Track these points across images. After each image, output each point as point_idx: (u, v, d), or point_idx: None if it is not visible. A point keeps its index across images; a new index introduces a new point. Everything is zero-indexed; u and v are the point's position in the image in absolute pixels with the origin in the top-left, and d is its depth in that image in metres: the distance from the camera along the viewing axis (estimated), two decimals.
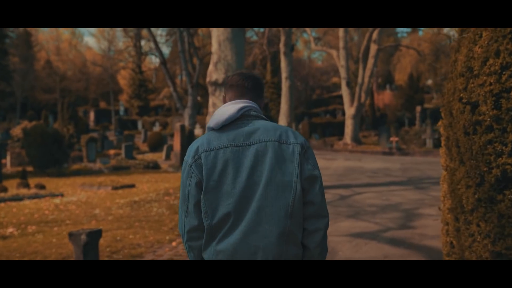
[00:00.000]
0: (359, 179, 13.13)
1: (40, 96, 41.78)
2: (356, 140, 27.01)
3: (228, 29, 10.45)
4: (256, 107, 1.83)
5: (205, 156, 1.72)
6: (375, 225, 6.84)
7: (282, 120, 23.94)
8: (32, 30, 52.54)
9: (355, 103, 26.71)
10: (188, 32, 28.03)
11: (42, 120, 17.47)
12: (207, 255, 1.74)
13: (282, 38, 23.35)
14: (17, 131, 18.96)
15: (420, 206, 8.46)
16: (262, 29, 39.39)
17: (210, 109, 10.99)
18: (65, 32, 58.78)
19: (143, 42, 44.12)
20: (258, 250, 1.67)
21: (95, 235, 4.28)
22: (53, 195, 10.75)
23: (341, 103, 44.83)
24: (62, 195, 10.94)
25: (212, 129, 1.79)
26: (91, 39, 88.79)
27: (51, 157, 15.91)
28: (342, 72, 27.29)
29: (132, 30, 38.87)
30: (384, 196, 9.81)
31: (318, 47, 31.50)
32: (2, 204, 9.73)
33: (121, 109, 45.54)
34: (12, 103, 40.72)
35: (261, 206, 1.67)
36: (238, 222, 1.68)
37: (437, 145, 23.68)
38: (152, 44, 31.62)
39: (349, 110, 26.94)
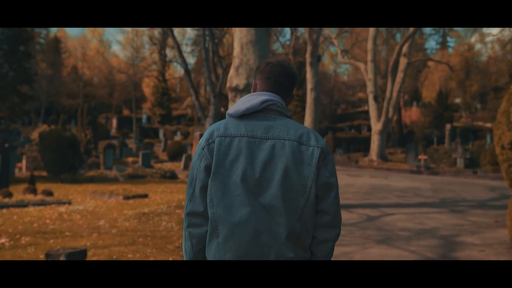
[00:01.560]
0: (387, 198, 12.16)
1: (64, 101, 42.01)
2: (382, 156, 25.92)
3: (252, 31, 9.74)
4: (281, 103, 1.72)
5: (219, 141, 1.64)
6: (410, 254, 5.93)
7: None
8: (62, 37, 53.41)
9: (382, 118, 25.68)
10: (213, 40, 27.60)
11: (60, 124, 17.08)
12: (212, 252, 1.62)
13: (309, 48, 22.61)
14: (35, 134, 18.64)
15: (460, 232, 7.50)
16: (288, 42, 38.71)
17: None
18: (93, 39, 59.63)
19: (167, 51, 44.06)
20: (271, 250, 1.58)
21: (77, 255, 3.55)
22: (60, 203, 10.15)
23: (367, 119, 43.79)
24: (69, 203, 10.33)
25: (231, 116, 1.70)
26: (118, 47, 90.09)
27: (66, 162, 15.41)
28: (370, 86, 26.33)
29: (157, 37, 38.86)
30: (416, 219, 8.86)
31: (345, 60, 30.63)
32: (4, 210, 9.15)
33: (144, 117, 45.43)
34: (38, 107, 41.06)
35: (271, 205, 1.58)
36: (247, 218, 1.58)
37: (468, 165, 22.43)
38: (176, 52, 31.36)
39: (376, 126, 25.91)
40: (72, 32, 67.68)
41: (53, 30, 50.64)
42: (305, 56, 26.33)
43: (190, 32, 53.35)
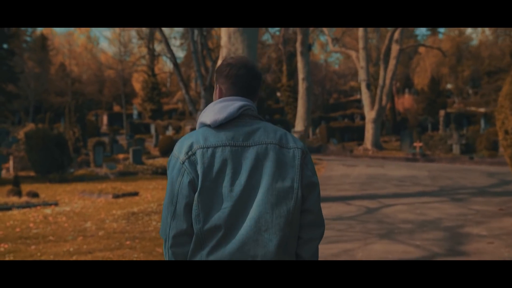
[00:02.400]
0: (385, 188, 11.84)
1: (53, 99, 41.30)
2: (377, 145, 25.63)
3: None
4: (254, 107, 1.70)
5: (201, 153, 1.57)
6: (415, 249, 5.59)
7: (299, 124, 22.72)
8: (49, 34, 52.45)
9: (376, 106, 25.36)
10: (201, 32, 27.04)
11: (46, 123, 16.59)
12: None
13: (299, 37, 22.17)
14: (21, 134, 18.12)
15: (465, 223, 7.17)
16: (278, 32, 38.24)
17: None
18: (80, 36, 58.71)
19: (156, 45, 43.40)
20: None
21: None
22: (46, 204, 9.72)
23: (359, 107, 43.48)
24: (56, 204, 9.90)
25: (207, 126, 1.64)
26: (106, 43, 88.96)
27: (53, 161, 14.94)
28: (362, 74, 25.98)
29: (145, 32, 38.29)
30: (417, 209, 8.53)
31: (337, 49, 30.24)
32: None
33: (134, 112, 44.84)
34: (27, 106, 40.33)
35: (260, 213, 1.54)
36: (234, 229, 1.54)
37: (464, 151, 22.21)
38: (164, 46, 30.83)
39: (370, 114, 25.60)
40: (59, 29, 66.67)
41: (39, 28, 49.71)
42: (295, 45, 25.90)
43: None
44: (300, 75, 22.39)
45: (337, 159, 22.66)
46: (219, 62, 9.78)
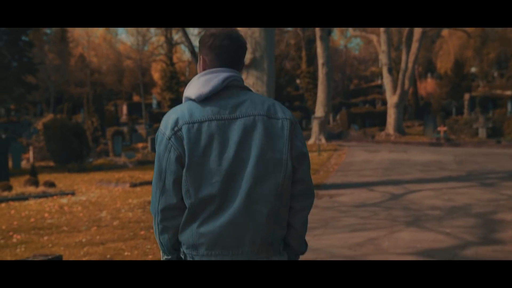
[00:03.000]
0: (410, 173, 11.41)
1: (73, 90, 41.59)
2: (399, 130, 25.01)
3: None
4: (240, 77, 1.64)
5: (187, 128, 1.54)
6: (446, 237, 5.22)
7: (319, 110, 22.26)
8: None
9: (398, 91, 24.69)
10: None
11: (65, 113, 16.58)
12: (185, 237, 1.57)
13: None
14: (40, 125, 18.18)
15: (498, 209, 6.75)
16: None
17: None
18: (99, 28, 59.03)
19: (173, 33, 43.22)
20: (246, 233, 1.54)
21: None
22: (63, 194, 9.61)
23: (380, 93, 42.63)
24: (72, 193, 9.79)
25: (192, 100, 1.60)
26: (125, 33, 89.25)
27: (72, 151, 14.92)
28: (384, 58, 25.30)
29: None
30: (445, 195, 8.11)
31: (357, 33, 29.50)
32: (3, 205, 8.63)
33: (154, 102, 44.87)
34: (48, 98, 40.71)
35: (250, 186, 1.53)
36: (225, 202, 1.54)
37: (491, 134, 21.46)
38: (182, 34, 30.60)
39: (392, 99, 24.95)
40: None
41: None
42: (314, 30, 25.33)
43: None
44: (320, 60, 21.88)
45: (359, 145, 22.17)
46: None
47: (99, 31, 58.88)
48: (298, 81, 44.87)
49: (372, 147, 20.48)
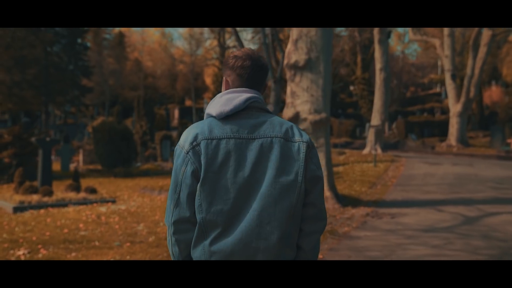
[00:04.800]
0: (481, 191, 10.14)
1: (127, 94, 42.40)
2: (462, 141, 23.25)
3: None
4: (261, 99, 1.70)
5: (205, 144, 1.59)
6: None
7: (375, 118, 21.02)
8: (126, 31, 54.19)
9: (462, 99, 22.97)
10: None
11: (115, 116, 16.44)
12: (198, 254, 1.60)
13: None
14: (90, 128, 18.20)
15: None
16: None
17: (288, 99, 8.73)
18: (155, 32, 60.33)
19: (226, 37, 43.14)
20: (257, 252, 1.57)
21: None
22: (103, 201, 9.18)
23: (440, 101, 40.44)
24: (113, 201, 9.34)
25: (213, 117, 1.65)
26: (180, 39, 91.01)
27: (119, 155, 14.66)
28: (447, 64, 23.66)
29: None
30: None
31: (417, 37, 27.89)
32: (42, 211, 8.28)
33: (205, 106, 44.98)
34: (104, 101, 41.74)
35: (263, 206, 1.57)
36: (236, 220, 1.57)
37: None
38: (234, 38, 30.26)
39: (455, 107, 23.25)
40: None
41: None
42: (372, 33, 24.11)
43: None
44: (378, 65, 20.69)
45: (417, 156, 20.73)
46: (289, 45, 8.66)
47: (155, 36, 60.20)
48: (352, 87, 43.51)
49: (433, 159, 19.03)
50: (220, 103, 1.63)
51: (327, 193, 8.37)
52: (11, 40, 21.85)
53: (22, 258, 5.25)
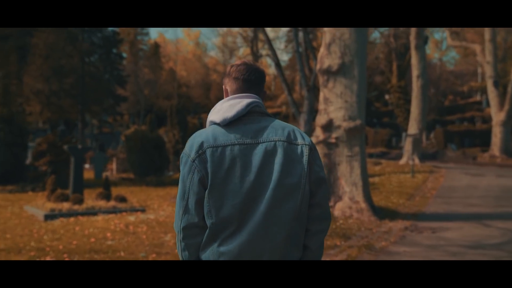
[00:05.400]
0: None
1: (161, 103, 42.91)
2: (507, 151, 22.18)
3: None
4: (262, 103, 1.77)
5: (211, 152, 1.64)
6: None
7: (413, 127, 20.33)
8: (161, 42, 55.17)
9: (506, 107, 21.96)
10: (305, 30, 25.74)
11: (147, 124, 16.51)
12: (207, 256, 1.66)
13: (413, 30, 19.86)
14: (123, 136, 18.35)
15: None
16: (387, 30, 35.58)
17: (321, 106, 8.40)
18: (190, 42, 61.20)
19: (260, 47, 43.11)
20: (264, 253, 1.63)
21: None
22: (133, 210, 9.06)
23: (480, 110, 38.99)
24: (143, 210, 9.21)
25: (217, 124, 1.71)
26: (214, 49, 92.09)
27: (151, 164, 14.64)
28: (488, 70, 22.73)
29: (249, 34, 38.15)
30: None
31: (456, 43, 27.00)
32: (72, 219, 8.22)
33: None
34: (139, 110, 42.40)
35: (269, 208, 1.62)
36: (244, 223, 1.62)
37: None
38: (267, 46, 30.11)
39: (498, 116, 22.25)
40: (170, 36, 70.13)
41: (153, 36, 52.40)
42: (408, 38, 23.44)
43: (283, 28, 52.12)
44: (415, 71, 20.05)
45: (457, 167, 19.89)
46: (322, 49, 8.35)
47: (189, 46, 61.03)
48: (387, 96, 42.58)
49: (475, 170, 18.18)
50: (222, 110, 1.69)
51: (362, 204, 7.97)
52: (50, 51, 22.42)
53: None
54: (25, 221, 8.34)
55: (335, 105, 8.14)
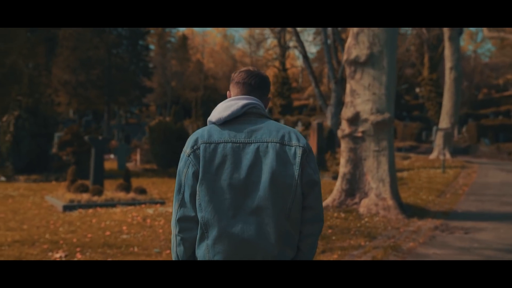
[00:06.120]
0: None
1: (188, 94, 43.02)
2: None
3: None
4: (260, 105, 1.80)
5: (204, 147, 1.71)
6: None
7: (444, 120, 19.59)
8: (189, 34, 55.25)
9: None
10: None
11: (172, 116, 16.38)
12: (201, 254, 1.69)
13: None
14: (147, 128, 18.34)
15: None
16: None
17: (348, 98, 8.01)
18: (217, 35, 61.09)
19: (288, 39, 42.61)
20: (258, 252, 1.66)
21: None
22: (152, 202, 8.90)
23: None
24: (162, 202, 9.04)
25: (213, 123, 1.78)
26: (241, 41, 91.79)
27: (173, 155, 14.50)
28: None
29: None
30: None
31: (493, 33, 25.83)
32: (90, 211, 8.11)
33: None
34: (166, 102, 42.67)
35: (260, 207, 1.66)
36: (236, 221, 1.65)
37: None
38: (294, 38, 29.66)
39: None
40: (198, 29, 70.19)
41: (181, 28, 52.51)
42: (441, 30, 22.56)
43: None
44: (448, 63, 19.28)
45: (491, 163, 19.10)
46: (349, 39, 7.94)
47: (217, 38, 60.97)
48: (417, 89, 41.47)
49: (510, 166, 17.38)
50: (219, 110, 1.75)
51: (389, 201, 7.57)
52: (77, 42, 22.58)
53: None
54: (44, 211, 8.28)
55: (363, 97, 7.73)
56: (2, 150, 13.27)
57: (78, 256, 5.12)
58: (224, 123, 1.73)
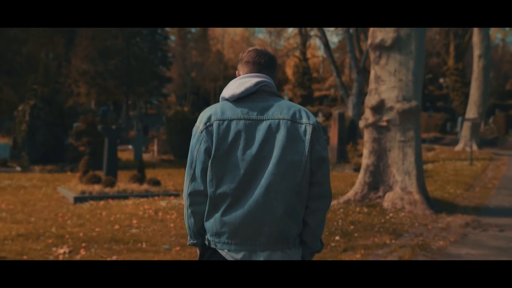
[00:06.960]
0: None
1: (207, 85, 42.71)
2: None
3: None
4: (272, 83, 1.84)
5: (217, 124, 1.72)
6: None
7: (471, 110, 18.80)
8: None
9: None
10: None
11: (189, 106, 16.08)
12: (210, 225, 1.75)
13: None
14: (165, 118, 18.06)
15: None
16: None
17: (372, 85, 7.51)
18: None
19: (308, 29, 41.85)
20: (264, 225, 1.69)
21: None
22: (165, 194, 8.59)
23: None
24: (176, 194, 8.73)
25: (226, 100, 1.80)
26: (262, 31, 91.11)
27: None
28: None
29: None
30: None
31: None
32: (102, 202, 7.84)
33: (285, 98, 44.12)
34: (186, 92, 42.47)
35: (270, 182, 1.68)
36: (245, 195, 1.70)
37: None
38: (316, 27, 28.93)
39: None
40: None
41: None
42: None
43: None
44: (476, 51, 18.45)
45: None
46: (375, 31, 7.44)
47: (238, 29, 60.48)
48: (441, 80, 40.32)
49: None
50: (232, 87, 1.77)
51: (416, 196, 7.07)
52: (95, 32, 22.41)
53: (61, 258, 4.66)
54: (55, 203, 8.05)
55: (388, 84, 7.23)
56: (18, 140, 13.15)
57: (82, 253, 4.81)
58: (237, 99, 1.74)
